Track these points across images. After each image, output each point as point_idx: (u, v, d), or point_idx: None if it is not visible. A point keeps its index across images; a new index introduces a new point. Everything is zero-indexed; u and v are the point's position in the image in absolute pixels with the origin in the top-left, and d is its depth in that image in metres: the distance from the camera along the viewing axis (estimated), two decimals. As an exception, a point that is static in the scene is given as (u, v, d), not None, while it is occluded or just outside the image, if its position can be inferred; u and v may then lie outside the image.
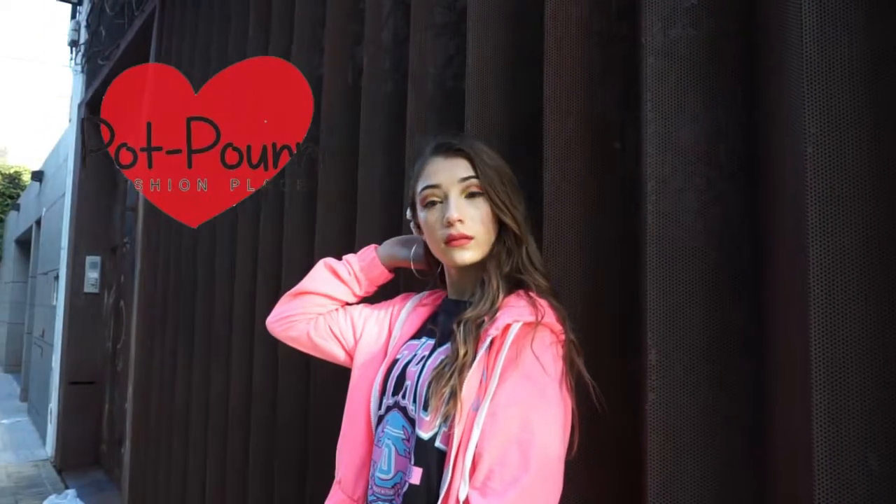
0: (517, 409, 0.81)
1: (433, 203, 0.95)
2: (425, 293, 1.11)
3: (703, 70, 0.88)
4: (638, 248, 0.92)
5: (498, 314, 0.87)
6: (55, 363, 5.65)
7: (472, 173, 0.93)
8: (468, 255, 0.92)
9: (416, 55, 1.39)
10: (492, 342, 0.85)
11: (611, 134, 1.02)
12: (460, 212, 0.91)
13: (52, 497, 4.15)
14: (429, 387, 0.86)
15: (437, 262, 1.04)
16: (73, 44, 5.64)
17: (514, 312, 0.86)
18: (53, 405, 5.52)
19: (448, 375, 0.84)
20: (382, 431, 0.95)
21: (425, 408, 0.86)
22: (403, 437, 0.91)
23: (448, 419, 0.84)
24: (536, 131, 1.08)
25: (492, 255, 0.93)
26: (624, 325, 0.97)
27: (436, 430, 0.86)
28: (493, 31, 1.21)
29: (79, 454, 5.13)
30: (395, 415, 0.94)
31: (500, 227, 0.93)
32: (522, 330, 0.84)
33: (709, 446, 0.84)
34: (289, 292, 1.14)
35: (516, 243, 0.92)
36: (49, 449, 5.55)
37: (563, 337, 0.88)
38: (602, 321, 1.00)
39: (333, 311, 1.12)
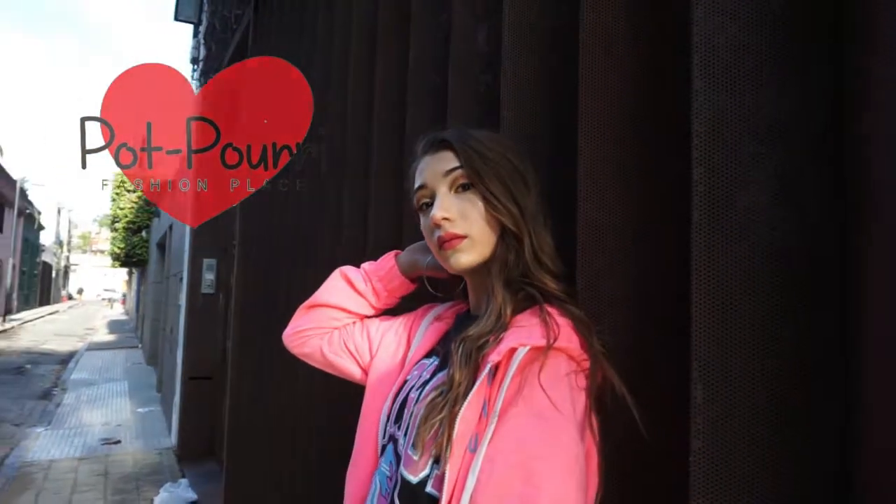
0: (520, 456, 0.64)
1: (426, 206, 0.82)
2: (446, 305, 0.97)
3: (769, 21, 0.67)
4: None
5: (504, 335, 0.72)
6: (179, 358, 6.09)
7: (456, 164, 0.79)
8: (464, 257, 0.78)
9: (458, 41, 1.26)
10: (496, 370, 0.70)
11: (663, 113, 0.83)
12: (445, 209, 0.78)
13: (168, 485, 4.44)
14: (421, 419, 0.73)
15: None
16: (194, 61, 6.06)
17: (522, 334, 0.70)
18: (177, 397, 5.95)
19: (440, 407, 0.70)
20: (379, 464, 0.83)
21: (415, 444, 0.73)
22: (388, 474, 0.79)
23: (441, 460, 0.70)
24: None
25: (495, 258, 0.78)
26: (676, 345, 0.78)
27: (427, 472, 0.72)
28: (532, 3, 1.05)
29: (196, 445, 5.48)
30: (390, 447, 0.81)
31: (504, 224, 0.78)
32: (529, 356, 0.68)
33: (772, 515, 0.64)
34: (303, 304, 1.04)
35: (517, 240, 0.77)
36: (173, 438, 5.98)
37: (586, 364, 0.71)
38: (649, 340, 0.81)
39: (350, 325, 1.02)
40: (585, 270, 0.85)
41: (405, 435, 0.78)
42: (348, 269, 1.03)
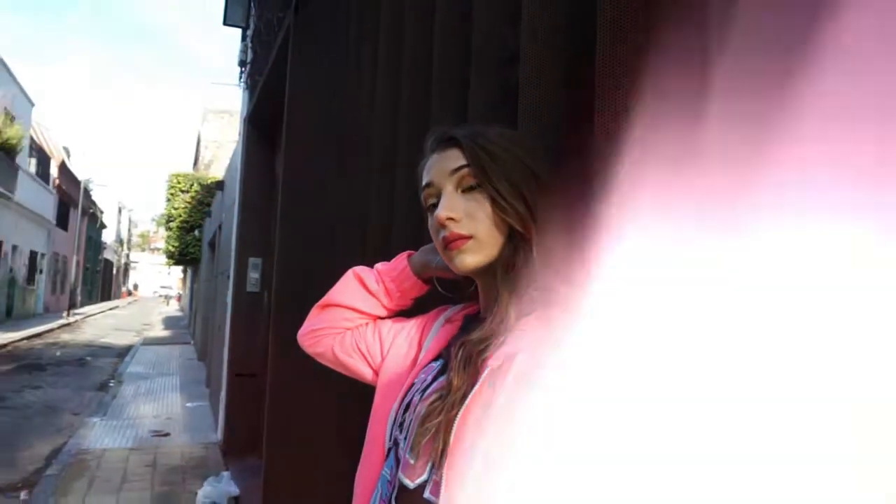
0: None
1: (433, 206, 0.80)
2: (459, 307, 0.94)
3: None
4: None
5: (505, 339, 0.69)
6: (225, 355, 6.24)
7: (462, 162, 0.76)
8: (469, 258, 0.75)
9: (480, 38, 1.23)
10: (496, 374, 0.67)
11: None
12: (450, 209, 0.75)
13: (210, 478, 4.54)
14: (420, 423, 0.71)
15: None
16: (242, 63, 6.22)
17: (523, 338, 0.67)
18: (223, 393, 6.10)
19: (437, 411, 0.68)
20: (383, 468, 0.81)
21: (412, 448, 0.71)
22: (388, 478, 0.77)
23: (438, 465, 0.67)
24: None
25: (501, 260, 0.75)
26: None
27: (425, 477, 0.70)
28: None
29: (240, 441, 5.59)
30: (393, 451, 0.79)
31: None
32: (530, 361, 0.65)
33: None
34: (317, 304, 1.04)
35: (525, 242, 0.73)
36: (218, 433, 6.13)
37: (592, 371, 0.67)
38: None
39: (363, 326, 1.00)
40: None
41: (405, 439, 0.76)
42: (361, 270, 1.02)
